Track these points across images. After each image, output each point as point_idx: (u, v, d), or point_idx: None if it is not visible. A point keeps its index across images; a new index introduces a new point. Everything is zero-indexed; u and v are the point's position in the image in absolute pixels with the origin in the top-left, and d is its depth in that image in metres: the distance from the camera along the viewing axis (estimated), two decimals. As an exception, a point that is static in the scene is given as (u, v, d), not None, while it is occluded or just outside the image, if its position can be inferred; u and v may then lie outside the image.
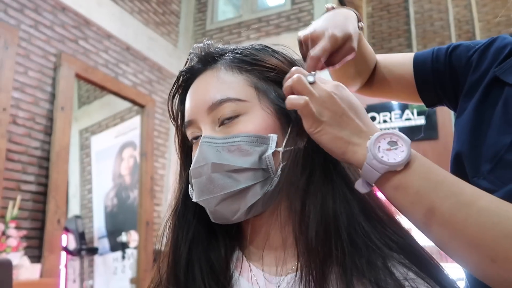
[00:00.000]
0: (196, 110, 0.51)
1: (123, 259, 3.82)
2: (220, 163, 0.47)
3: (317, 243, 0.45)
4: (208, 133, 0.50)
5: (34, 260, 2.65)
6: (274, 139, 0.48)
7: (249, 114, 0.49)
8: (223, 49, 0.55)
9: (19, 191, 2.66)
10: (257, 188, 0.48)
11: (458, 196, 0.40)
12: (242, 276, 0.52)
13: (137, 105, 3.82)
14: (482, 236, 0.38)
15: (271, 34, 4.28)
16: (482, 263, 0.39)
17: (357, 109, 0.46)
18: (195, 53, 0.55)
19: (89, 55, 3.32)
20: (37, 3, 2.91)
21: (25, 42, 2.79)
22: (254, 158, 0.47)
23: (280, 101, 0.50)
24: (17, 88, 2.71)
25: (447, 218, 0.40)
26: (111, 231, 4.06)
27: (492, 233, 0.38)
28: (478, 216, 0.39)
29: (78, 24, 3.23)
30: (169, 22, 4.45)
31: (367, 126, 0.45)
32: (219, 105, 0.49)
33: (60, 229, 2.81)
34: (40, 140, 2.83)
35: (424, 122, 3.47)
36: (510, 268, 0.37)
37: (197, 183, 0.49)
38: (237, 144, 0.47)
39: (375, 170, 0.42)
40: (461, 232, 0.39)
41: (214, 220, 0.50)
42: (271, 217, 0.50)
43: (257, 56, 0.53)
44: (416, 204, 0.41)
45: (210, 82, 0.52)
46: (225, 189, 0.47)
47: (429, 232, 0.42)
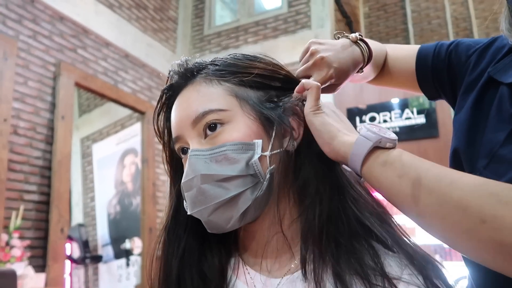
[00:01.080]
0: (181, 125, 0.52)
1: (128, 266, 3.82)
2: (208, 174, 0.48)
3: (313, 244, 0.47)
4: (195, 147, 0.50)
5: (39, 269, 2.65)
6: (259, 144, 0.49)
7: (233, 123, 0.50)
8: (201, 63, 0.56)
9: (21, 201, 2.66)
10: (248, 194, 0.49)
11: (440, 167, 0.43)
12: (239, 280, 0.53)
13: (137, 112, 3.83)
14: (469, 197, 0.39)
15: (269, 37, 4.29)
16: (472, 226, 0.38)
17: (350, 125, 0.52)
18: (174, 70, 0.56)
19: (88, 63, 3.33)
20: (35, 13, 2.92)
21: (24, 53, 2.80)
22: (241, 165, 0.48)
23: (261, 106, 0.51)
24: (17, 99, 2.72)
25: (434, 184, 0.41)
26: (114, 238, 4.06)
27: (477, 194, 0.39)
28: (462, 180, 0.41)
29: (76, 33, 3.25)
30: (167, 28, 4.46)
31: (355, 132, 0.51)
32: (202, 118, 0.50)
33: (63, 238, 2.82)
34: (41, 149, 2.84)
35: (424, 121, 3.47)
36: (499, 227, 0.37)
37: (189, 196, 0.50)
38: (223, 154, 0.48)
39: (368, 139, 0.45)
40: (448, 196, 0.40)
41: (210, 230, 0.51)
42: (265, 221, 0.51)
43: (234, 64, 0.54)
44: (404, 177, 0.43)
45: (191, 96, 0.52)
46: (216, 198, 0.48)
47: (418, 203, 0.42)
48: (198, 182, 0.48)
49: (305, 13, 4.19)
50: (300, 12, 4.23)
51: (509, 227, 0.36)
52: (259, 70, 0.53)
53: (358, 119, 3.68)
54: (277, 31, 4.29)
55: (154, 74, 4.08)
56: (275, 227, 0.50)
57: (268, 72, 0.54)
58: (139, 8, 4.06)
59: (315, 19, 4.11)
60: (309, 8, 4.18)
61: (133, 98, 3.72)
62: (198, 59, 0.57)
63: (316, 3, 4.14)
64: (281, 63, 0.57)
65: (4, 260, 2.40)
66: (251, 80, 0.53)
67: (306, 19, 4.17)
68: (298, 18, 4.22)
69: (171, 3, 4.61)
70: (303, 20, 4.19)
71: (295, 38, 4.14)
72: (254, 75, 0.53)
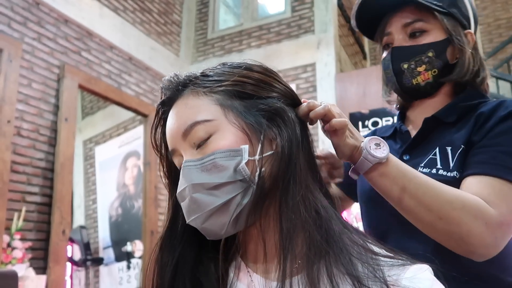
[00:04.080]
0: (173, 138, 0.54)
1: (129, 269, 3.82)
2: (199, 183, 0.49)
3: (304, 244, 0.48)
4: (188, 157, 0.52)
5: (40, 271, 2.65)
6: (246, 149, 0.50)
7: (220, 132, 0.51)
8: (190, 75, 0.57)
9: (24, 203, 2.67)
10: (238, 199, 0.50)
11: (417, 178, 0.62)
12: (241, 282, 0.53)
13: (140, 114, 3.84)
14: (434, 203, 0.61)
15: (272, 41, 4.30)
16: (434, 221, 0.62)
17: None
18: (164, 86, 0.58)
19: (92, 66, 3.35)
20: (40, 16, 2.95)
21: (28, 55, 2.82)
22: (229, 171, 0.49)
23: (245, 114, 0.52)
24: (21, 100, 2.73)
25: (413, 193, 0.61)
26: (116, 241, 4.06)
27: (439, 201, 0.61)
28: (430, 191, 0.61)
29: (80, 36, 3.27)
30: (171, 32, 4.48)
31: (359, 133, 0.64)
32: (190, 130, 0.52)
33: (65, 240, 2.82)
34: (44, 151, 2.85)
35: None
36: (450, 223, 0.61)
37: (184, 206, 0.52)
38: (212, 162, 0.49)
39: (369, 161, 0.60)
40: (421, 201, 0.61)
41: (208, 237, 0.52)
42: (263, 224, 0.51)
43: (221, 74, 0.55)
44: (394, 185, 0.61)
45: (180, 110, 0.54)
46: (208, 206, 0.49)
47: (401, 204, 0.62)
48: (190, 192, 0.50)
49: (309, 18, 4.20)
50: (304, 17, 4.24)
51: (455, 223, 0.60)
52: (240, 78, 0.54)
53: (360, 124, 3.68)
54: (280, 36, 4.30)
55: (158, 77, 4.09)
56: (272, 230, 0.51)
57: (250, 80, 0.55)
58: (143, 11, 4.08)
59: (318, 23, 4.12)
60: (313, 12, 4.19)
61: (136, 101, 3.73)
62: (187, 72, 0.58)
63: (319, 8, 4.16)
64: (271, 68, 0.58)
65: (6, 261, 2.41)
66: (234, 89, 0.54)
67: (310, 24, 4.18)
68: (302, 22, 4.24)
69: (175, 7, 4.63)
70: (307, 24, 4.20)
71: (298, 43, 4.15)
72: (236, 84, 0.54)
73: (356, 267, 0.46)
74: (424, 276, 0.47)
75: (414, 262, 0.49)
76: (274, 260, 0.51)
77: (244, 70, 0.56)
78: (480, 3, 5.70)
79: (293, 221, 0.48)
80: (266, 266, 0.52)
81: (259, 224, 0.51)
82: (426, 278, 0.47)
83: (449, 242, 0.62)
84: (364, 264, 0.47)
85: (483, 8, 5.68)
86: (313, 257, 0.47)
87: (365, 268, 0.46)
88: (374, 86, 3.77)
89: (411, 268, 0.47)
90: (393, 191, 0.61)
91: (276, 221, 0.50)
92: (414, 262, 0.49)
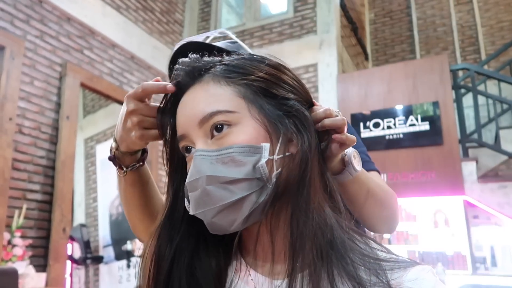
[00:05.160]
0: (187, 124, 0.52)
1: (128, 267, 3.82)
2: (214, 175, 0.47)
3: (312, 248, 0.47)
4: (201, 147, 0.50)
5: (40, 269, 2.65)
6: (266, 148, 0.49)
7: (240, 125, 0.50)
8: (209, 62, 0.55)
9: (24, 200, 2.67)
10: (253, 197, 0.48)
11: (372, 178, 0.71)
12: (242, 281, 0.53)
13: (141, 113, 3.84)
14: (384, 199, 0.73)
15: (274, 41, 4.30)
16: (388, 214, 0.75)
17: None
18: (181, 67, 0.55)
19: (94, 64, 3.35)
20: (43, 14, 2.95)
21: (31, 53, 2.82)
22: (247, 168, 0.48)
23: (268, 111, 0.51)
24: (23, 98, 2.73)
25: (374, 193, 0.70)
26: (116, 239, 4.06)
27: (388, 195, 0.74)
28: (380, 187, 0.73)
29: (83, 34, 3.27)
30: (173, 31, 4.49)
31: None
32: (209, 118, 0.50)
33: (65, 238, 2.82)
34: (45, 149, 2.85)
35: (428, 128, 3.46)
36: (394, 210, 0.76)
37: (193, 197, 0.49)
38: (230, 156, 0.48)
39: (351, 174, 0.64)
40: (379, 198, 0.71)
41: (212, 232, 0.51)
42: (269, 223, 0.51)
43: (242, 66, 0.53)
44: (362, 188, 0.67)
45: (199, 96, 0.52)
46: (221, 200, 0.48)
47: (365, 204, 0.69)
48: (203, 183, 0.48)
49: (311, 18, 4.20)
50: (306, 17, 4.24)
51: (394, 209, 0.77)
52: (266, 75, 0.53)
53: (362, 125, 3.68)
54: (282, 36, 4.30)
55: (160, 76, 4.08)
56: (277, 230, 0.50)
57: (274, 78, 0.53)
58: (146, 10, 4.08)
59: (320, 24, 4.11)
60: (315, 13, 4.19)
61: (137, 100, 3.73)
62: (206, 57, 0.56)
63: (322, 8, 4.15)
64: (288, 66, 0.57)
65: (6, 258, 2.41)
66: (258, 85, 0.52)
67: (312, 24, 4.18)
68: (304, 23, 4.23)
69: (177, 6, 4.63)
70: (309, 25, 4.20)
71: (301, 43, 4.15)
72: (261, 80, 0.52)
73: (359, 271, 0.46)
74: (427, 277, 0.47)
75: (416, 263, 0.49)
76: (276, 259, 0.51)
77: (266, 67, 0.54)
78: (483, 5, 5.69)
79: (307, 225, 0.48)
80: (268, 265, 0.52)
81: (268, 224, 0.51)
82: (429, 279, 0.46)
83: (385, 225, 0.76)
84: (367, 269, 0.47)
85: (486, 10, 5.67)
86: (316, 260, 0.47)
87: (368, 272, 0.46)
88: (375, 87, 3.77)
89: (413, 269, 0.47)
90: (361, 194, 0.67)
91: (286, 222, 0.50)
92: (416, 263, 0.49)
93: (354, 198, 0.67)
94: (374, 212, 0.72)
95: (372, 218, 0.73)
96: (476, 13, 5.68)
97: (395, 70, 3.82)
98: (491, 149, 3.60)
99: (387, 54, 6.18)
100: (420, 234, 3.33)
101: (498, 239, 3.22)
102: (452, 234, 3.22)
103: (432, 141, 3.40)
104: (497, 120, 3.74)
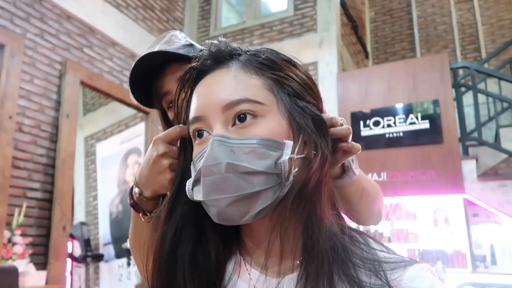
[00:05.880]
0: (208, 107, 0.50)
1: (128, 265, 3.82)
2: (235, 164, 0.46)
3: (318, 249, 0.47)
4: (220, 132, 0.48)
5: (40, 267, 2.66)
6: (289, 145, 0.48)
7: (266, 118, 0.49)
8: (237, 49, 0.54)
9: (25, 198, 2.68)
10: (269, 193, 0.48)
11: (365, 179, 0.74)
12: (240, 279, 0.53)
13: (141, 111, 3.84)
14: (374, 194, 0.76)
15: (274, 40, 4.30)
16: (378, 207, 0.78)
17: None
18: (209, 50, 0.54)
19: (94, 62, 3.35)
20: (43, 12, 2.95)
21: (31, 51, 2.82)
22: (269, 162, 0.47)
23: (295, 109, 0.51)
24: (23, 96, 2.73)
25: (367, 191, 0.73)
26: (116, 237, 4.07)
27: (377, 193, 0.78)
28: (372, 187, 0.76)
29: (83, 32, 3.27)
30: (173, 29, 4.47)
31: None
32: (236, 104, 0.48)
33: (65, 236, 2.82)
34: (45, 147, 2.85)
35: (428, 126, 3.46)
36: (381, 204, 0.79)
37: (207, 182, 0.47)
38: (252, 146, 0.47)
39: (350, 178, 0.65)
40: (371, 195, 0.74)
41: (218, 221, 0.49)
42: (271, 220, 0.50)
43: (275, 61, 0.53)
44: (358, 189, 0.70)
45: (226, 80, 0.51)
46: (238, 190, 0.46)
47: (361, 201, 0.72)
48: (222, 169, 0.46)
49: (311, 17, 4.20)
50: (306, 16, 4.23)
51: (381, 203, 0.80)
52: (295, 76, 0.53)
53: (362, 123, 3.68)
54: (282, 34, 4.29)
55: (159, 74, 4.09)
56: (280, 228, 0.50)
57: (301, 80, 0.53)
58: (146, 8, 4.08)
59: (321, 22, 4.11)
60: (315, 11, 4.18)
61: (137, 98, 3.72)
62: (234, 44, 0.55)
63: (322, 6, 4.15)
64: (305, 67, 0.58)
65: (6, 257, 2.41)
66: (286, 82, 0.52)
67: (312, 23, 4.17)
68: (304, 21, 4.23)
69: (177, 4, 4.63)
70: (309, 23, 4.19)
71: (301, 41, 4.14)
72: (291, 79, 0.52)
73: (359, 274, 0.46)
74: (425, 275, 0.47)
75: (415, 262, 0.49)
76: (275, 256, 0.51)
77: (294, 67, 0.54)
78: (483, 3, 5.69)
79: (320, 229, 0.48)
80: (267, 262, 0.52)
81: (269, 219, 0.50)
82: (427, 278, 0.46)
83: (375, 218, 0.79)
84: (367, 270, 0.47)
85: (486, 9, 5.66)
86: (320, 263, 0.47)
87: (369, 273, 0.47)
88: (375, 86, 3.77)
89: (412, 268, 0.47)
90: (357, 194, 0.70)
91: (294, 223, 0.50)
92: (414, 262, 0.49)
93: (350, 199, 0.69)
94: (367, 208, 0.74)
95: (365, 214, 0.75)
96: (477, 11, 5.68)
97: (395, 69, 3.82)
98: (491, 148, 3.60)
99: (387, 53, 6.17)
100: (420, 233, 3.34)
101: (498, 237, 3.22)
102: (452, 232, 3.22)
103: (432, 140, 3.40)
104: (497, 119, 3.74)
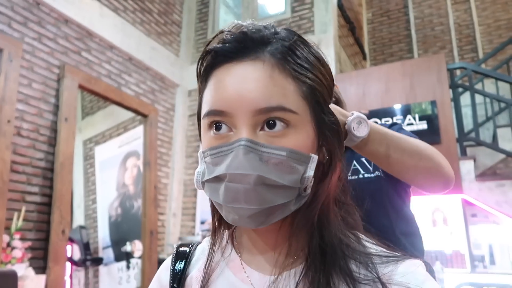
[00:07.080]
0: (237, 105, 0.45)
1: (128, 269, 3.82)
2: (265, 177, 0.44)
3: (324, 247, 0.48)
4: (249, 136, 0.45)
5: (39, 271, 2.65)
6: (314, 159, 0.46)
7: (297, 128, 0.46)
8: (268, 37, 0.48)
9: (23, 202, 2.67)
10: (290, 205, 0.47)
11: (392, 134, 0.76)
12: (236, 277, 0.53)
13: (140, 114, 3.84)
14: (412, 148, 0.77)
15: (272, 42, 4.30)
16: (417, 162, 0.78)
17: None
18: (234, 33, 0.48)
19: (92, 66, 3.35)
20: (41, 16, 2.95)
21: (29, 55, 2.82)
22: (296, 177, 0.45)
23: (322, 120, 0.48)
24: (21, 100, 2.73)
25: (396, 146, 0.75)
26: (115, 241, 4.06)
27: (414, 147, 0.78)
28: (404, 141, 0.77)
29: (81, 36, 3.27)
30: (171, 32, 4.49)
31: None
32: (272, 110, 0.44)
33: (64, 240, 2.82)
34: (44, 151, 2.85)
35: (426, 127, 3.46)
36: (429, 160, 0.79)
37: (232, 188, 0.44)
38: (281, 158, 0.44)
39: (353, 141, 0.71)
40: (404, 150, 0.76)
41: (233, 223, 0.48)
42: (275, 224, 0.50)
43: (306, 59, 0.49)
44: (380, 147, 0.74)
45: (262, 79, 0.45)
46: (263, 204, 0.44)
47: (389, 159, 0.76)
48: (251, 182, 0.43)
49: (308, 18, 4.21)
50: (304, 17, 4.24)
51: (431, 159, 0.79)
52: (325, 81, 0.49)
53: (360, 125, 3.68)
54: (280, 36, 4.29)
55: (158, 77, 4.10)
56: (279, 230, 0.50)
57: (329, 85, 0.50)
58: (144, 11, 4.08)
59: (318, 24, 4.12)
60: (312, 13, 4.20)
61: (136, 101, 3.73)
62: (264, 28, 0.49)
63: (319, 8, 4.16)
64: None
65: (5, 261, 2.41)
66: (317, 87, 0.48)
67: (309, 24, 4.18)
68: (302, 23, 4.24)
69: (175, 7, 4.63)
70: (306, 25, 4.20)
71: (298, 43, 4.15)
72: (318, 83, 0.48)
73: (350, 265, 0.47)
74: (417, 271, 0.46)
75: (407, 257, 0.48)
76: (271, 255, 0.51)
77: (322, 67, 0.50)
78: (480, 4, 5.71)
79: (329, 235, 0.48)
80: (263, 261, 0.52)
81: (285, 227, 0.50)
82: (419, 273, 0.46)
83: (428, 176, 0.81)
84: (358, 262, 0.47)
85: (483, 9, 5.69)
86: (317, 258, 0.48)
87: (359, 265, 0.47)
88: (373, 87, 3.78)
89: (404, 263, 0.47)
90: (380, 152, 0.75)
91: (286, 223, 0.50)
92: (407, 257, 0.48)
93: (373, 155, 0.75)
94: (406, 163, 0.77)
95: (407, 171, 0.78)
96: (474, 12, 5.70)
97: (393, 70, 3.83)
98: (489, 148, 3.61)
99: (384, 54, 6.19)
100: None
101: (496, 237, 3.22)
102: (451, 232, 3.23)
103: (429, 140, 3.35)
104: (494, 119, 3.75)
